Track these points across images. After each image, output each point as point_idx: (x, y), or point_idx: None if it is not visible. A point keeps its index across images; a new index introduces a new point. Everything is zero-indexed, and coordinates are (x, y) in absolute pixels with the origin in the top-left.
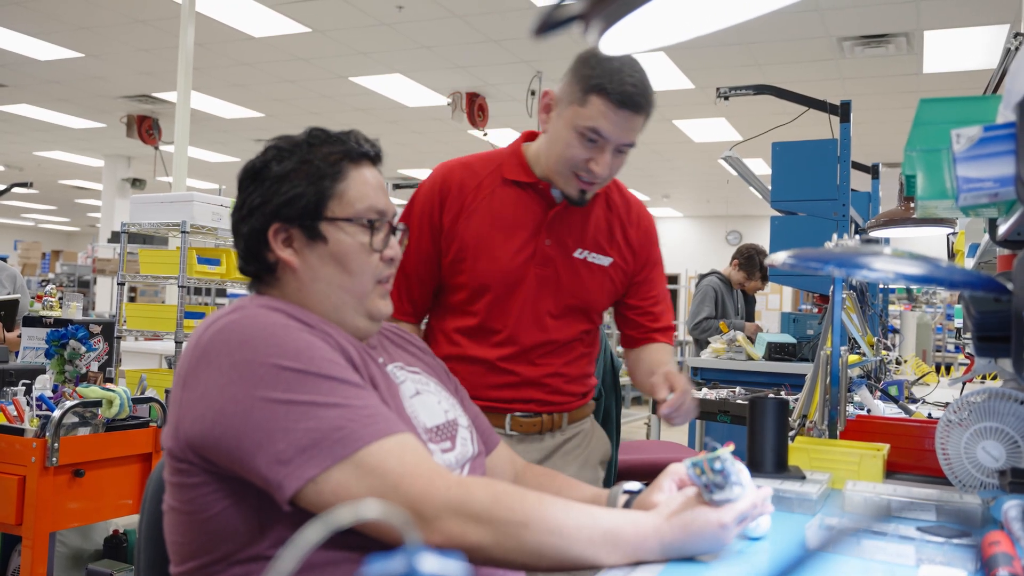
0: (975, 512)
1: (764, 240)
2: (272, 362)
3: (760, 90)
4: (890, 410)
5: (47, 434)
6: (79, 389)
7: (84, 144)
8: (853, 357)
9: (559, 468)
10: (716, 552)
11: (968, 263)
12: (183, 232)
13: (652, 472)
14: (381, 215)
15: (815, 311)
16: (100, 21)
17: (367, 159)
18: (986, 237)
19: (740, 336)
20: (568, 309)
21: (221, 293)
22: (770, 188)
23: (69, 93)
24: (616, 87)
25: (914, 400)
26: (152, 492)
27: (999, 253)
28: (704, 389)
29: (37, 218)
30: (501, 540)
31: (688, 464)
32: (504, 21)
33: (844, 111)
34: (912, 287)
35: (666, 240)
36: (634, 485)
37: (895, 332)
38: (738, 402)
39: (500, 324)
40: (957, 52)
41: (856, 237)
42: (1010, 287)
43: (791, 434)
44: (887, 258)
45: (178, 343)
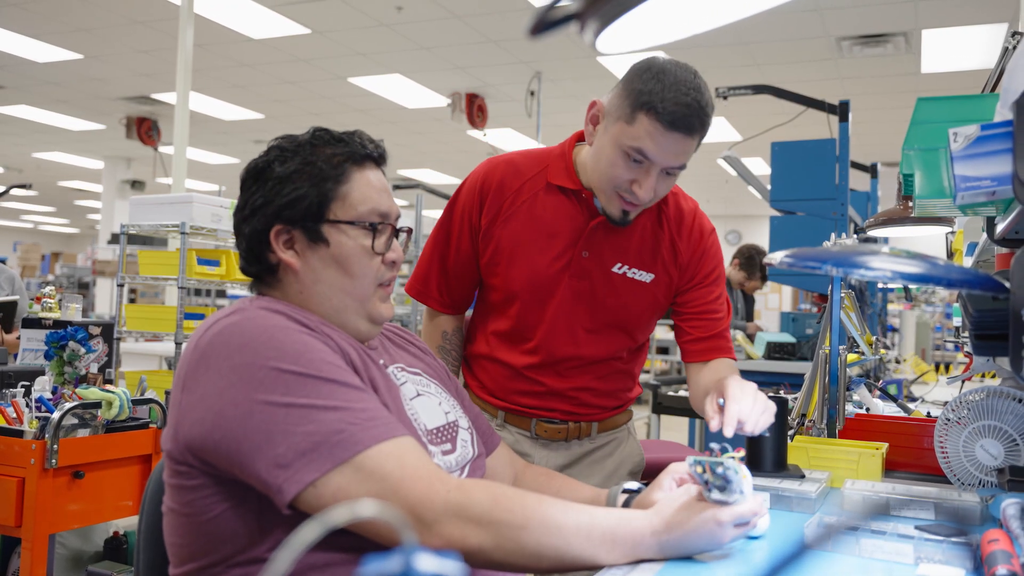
0: (973, 510)
1: (763, 239)
2: (272, 365)
3: (759, 90)
4: (889, 409)
5: (46, 436)
6: (78, 391)
7: (83, 146)
8: (852, 356)
9: (582, 477)
10: (713, 551)
11: (966, 262)
12: (182, 233)
13: (652, 471)
14: (384, 217)
15: (814, 310)
16: (99, 23)
17: (371, 160)
18: (984, 236)
19: (740, 335)
20: (605, 326)
21: (221, 294)
22: (769, 188)
23: (68, 95)
24: (667, 106)
25: (913, 399)
26: (151, 494)
27: (997, 252)
28: None
29: (37, 220)
30: (501, 542)
31: (691, 461)
32: (503, 22)
33: (843, 111)
34: (910, 286)
35: None
36: (633, 484)
37: (894, 331)
38: None
39: (531, 332)
40: (955, 51)
41: (855, 236)
42: (1008, 285)
43: (790, 433)
44: (885, 257)
45: (178, 344)
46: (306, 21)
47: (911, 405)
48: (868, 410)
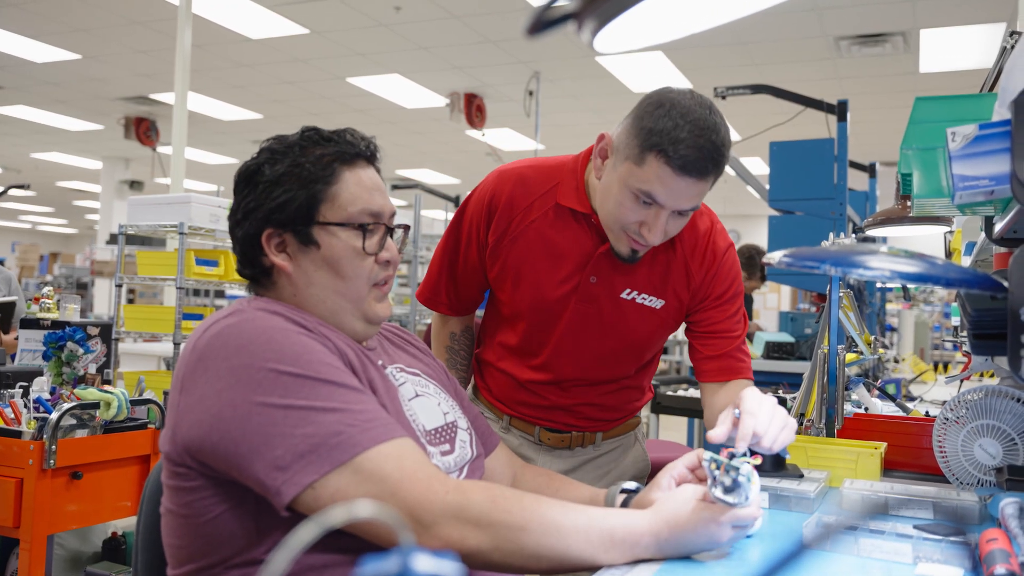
0: (972, 510)
1: (762, 239)
2: (270, 366)
3: (757, 90)
4: (887, 408)
5: (45, 436)
6: (77, 391)
7: (82, 146)
8: (850, 356)
9: (585, 481)
10: (711, 550)
11: (965, 261)
12: (181, 233)
13: (651, 471)
14: (376, 217)
15: (813, 310)
16: (97, 23)
17: (362, 159)
18: (982, 235)
19: None
20: (613, 349)
21: (219, 294)
22: (768, 187)
23: (66, 95)
24: (679, 149)
25: (911, 398)
26: (150, 494)
27: (995, 251)
28: None
29: (35, 220)
30: (500, 544)
31: (708, 456)
32: (502, 22)
33: (841, 110)
34: (909, 285)
35: None
36: (631, 484)
37: (893, 330)
38: None
39: (538, 350)
40: (953, 51)
41: (853, 236)
42: (1006, 285)
43: None
44: (883, 256)
45: (176, 345)
46: (305, 21)
47: (910, 404)
48: (867, 409)
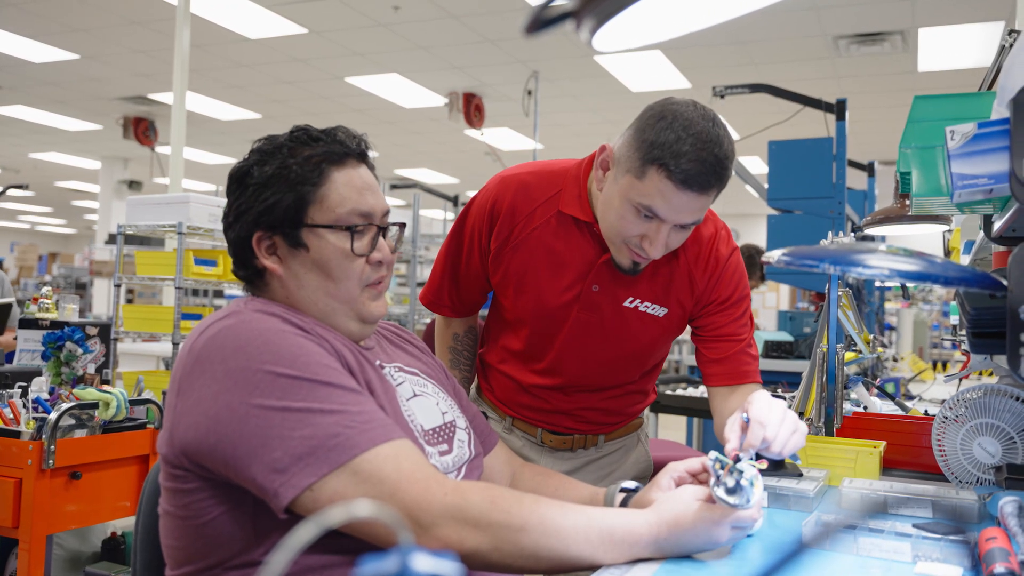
0: (971, 508)
1: (761, 238)
2: (267, 368)
3: (756, 89)
4: (886, 407)
5: (43, 436)
6: (76, 391)
7: (80, 146)
8: (849, 354)
9: (586, 481)
10: (710, 550)
11: (963, 260)
12: (179, 233)
13: (653, 470)
14: (367, 217)
15: (812, 309)
16: (96, 23)
17: (352, 158)
18: (981, 234)
19: None
20: (616, 357)
21: (218, 294)
22: (767, 186)
23: (65, 95)
24: (681, 163)
25: (910, 397)
26: (148, 495)
27: (994, 250)
28: (701, 388)
29: (34, 220)
30: (499, 544)
31: (713, 455)
32: (500, 21)
33: (840, 109)
34: (908, 284)
35: None
36: (631, 483)
37: (892, 329)
38: None
39: (541, 355)
40: (952, 50)
41: (852, 235)
42: (1005, 283)
43: None
44: (882, 255)
45: (175, 344)
46: (303, 21)
47: (909, 403)
48: (866, 408)
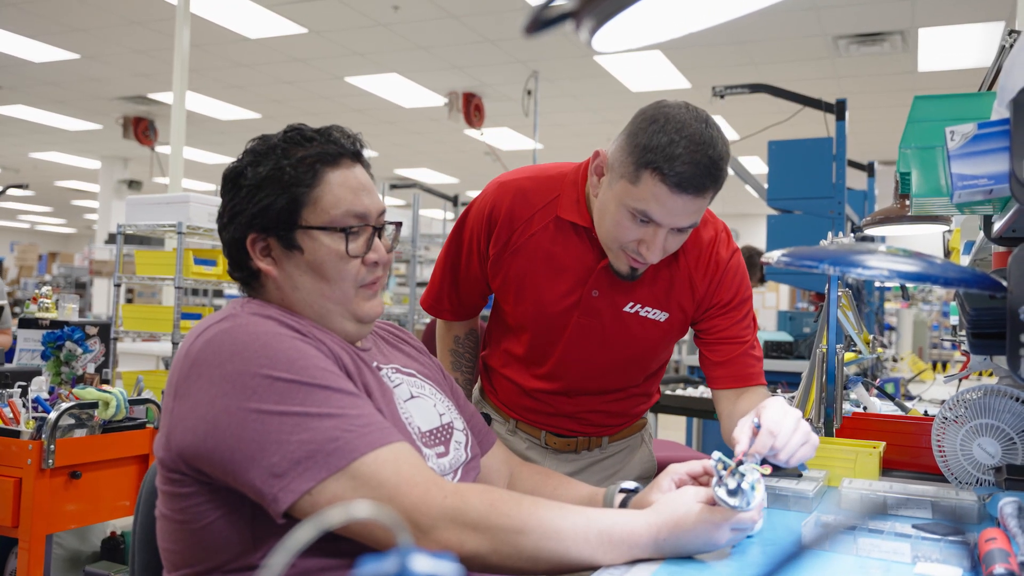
0: (971, 509)
1: (761, 238)
2: (264, 372)
3: (756, 89)
4: (886, 407)
5: (43, 436)
6: (75, 391)
7: (80, 146)
8: (849, 355)
9: (589, 482)
10: (710, 551)
11: (963, 260)
12: (179, 233)
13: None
14: (362, 218)
15: (811, 309)
16: (96, 23)
17: (346, 158)
18: (981, 234)
19: None
20: (617, 362)
21: (218, 294)
22: (766, 186)
23: (65, 95)
24: (675, 166)
25: (910, 397)
26: (146, 495)
27: (994, 250)
28: (701, 388)
29: (34, 220)
30: (498, 547)
31: (718, 456)
32: (500, 21)
33: (839, 109)
34: (907, 285)
35: None
36: (631, 483)
37: (891, 330)
38: None
39: (543, 360)
40: (952, 50)
41: (852, 235)
42: (1005, 284)
43: None
44: (882, 256)
45: (175, 344)
46: (303, 21)
47: (908, 404)
48: (865, 409)
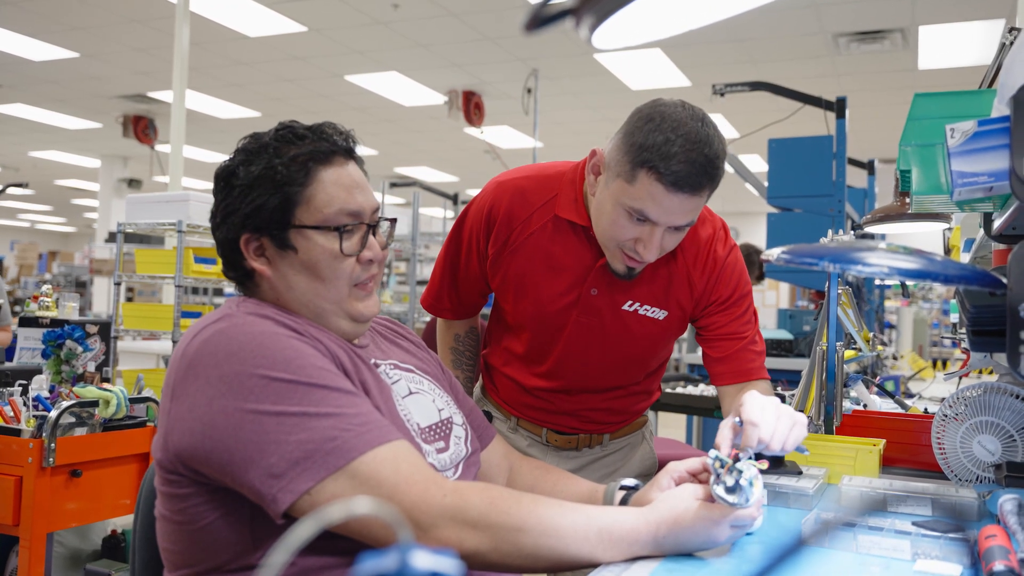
0: (971, 506)
1: (761, 236)
2: (261, 373)
3: (756, 87)
4: (886, 405)
5: (44, 434)
6: (76, 389)
7: (80, 144)
8: (849, 353)
9: (590, 479)
10: (709, 548)
11: (963, 258)
12: (179, 232)
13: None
14: (356, 216)
15: (811, 307)
16: (95, 21)
17: (339, 155)
18: (981, 232)
19: None
20: (617, 360)
21: (218, 292)
22: (766, 184)
23: (65, 93)
24: (670, 165)
25: (910, 395)
26: (147, 493)
27: (994, 248)
28: (701, 385)
29: (33, 219)
30: (498, 545)
31: (714, 454)
32: (500, 19)
33: (840, 107)
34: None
35: None
36: (631, 481)
37: (891, 327)
38: None
39: (543, 359)
40: (952, 48)
41: (852, 233)
42: (1005, 281)
43: None
44: (882, 253)
45: (175, 342)
46: (303, 19)
47: (908, 401)
48: (865, 406)
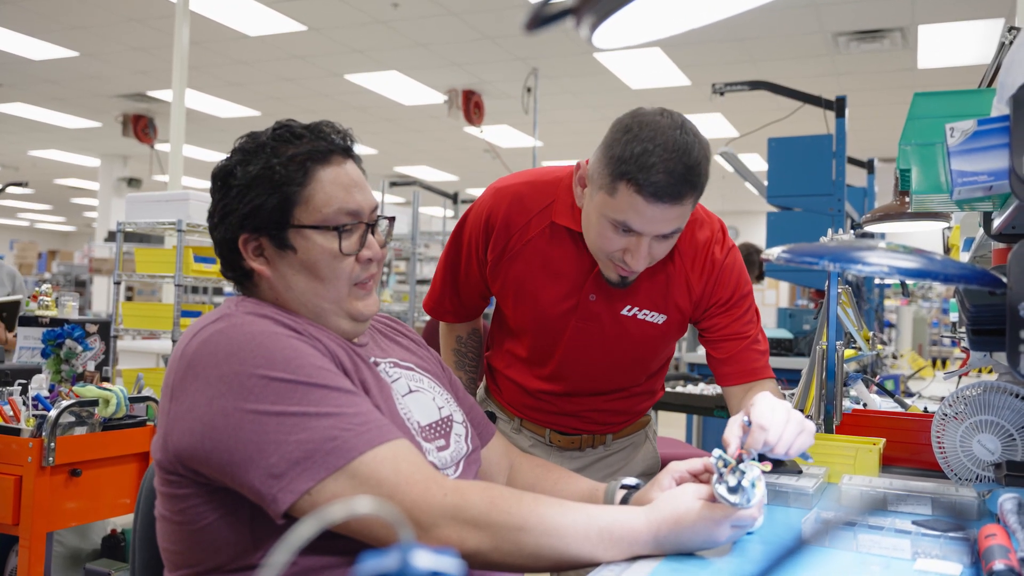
0: (971, 505)
1: (760, 236)
2: (260, 373)
3: (755, 86)
4: (886, 404)
5: (43, 434)
6: (75, 388)
7: (80, 143)
8: (849, 352)
9: (593, 479)
10: (709, 548)
11: (963, 257)
12: (179, 231)
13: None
14: (354, 215)
15: (811, 306)
16: (95, 20)
17: (337, 154)
18: (981, 231)
19: None
20: (618, 364)
21: (218, 291)
22: (766, 184)
23: (64, 92)
24: (649, 176)
25: (910, 394)
26: (147, 493)
27: (994, 247)
28: (701, 384)
29: (33, 218)
30: (499, 544)
31: (718, 453)
32: (499, 18)
33: (839, 106)
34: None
35: None
36: (632, 480)
37: (891, 327)
38: None
39: (545, 362)
40: (952, 47)
41: (851, 232)
42: (1005, 280)
43: None
44: (882, 252)
45: (175, 342)
46: (302, 18)
47: (908, 400)
48: (865, 405)
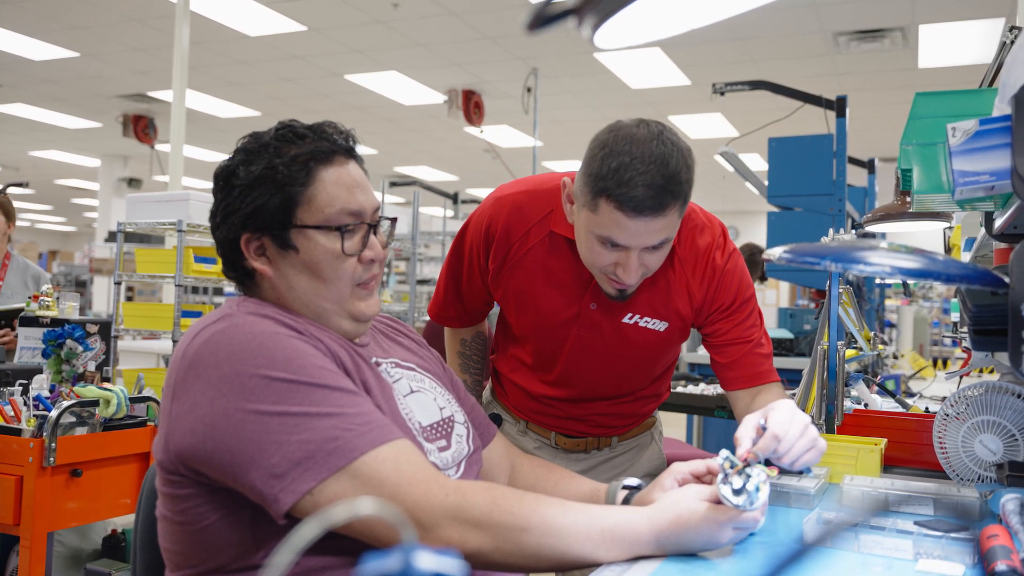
0: (973, 506)
1: (761, 236)
2: (262, 373)
3: (756, 86)
4: (887, 404)
5: (44, 434)
6: (76, 389)
7: (80, 144)
8: (850, 352)
9: (599, 480)
10: (711, 549)
11: (964, 257)
12: (179, 231)
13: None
14: (357, 215)
15: (812, 306)
16: (95, 20)
17: (339, 155)
18: (982, 231)
19: None
20: (620, 371)
21: (218, 292)
22: (767, 183)
23: (64, 93)
24: (626, 191)
25: (911, 394)
26: (148, 493)
27: (995, 247)
28: (702, 385)
29: (33, 218)
30: (500, 544)
31: (725, 454)
32: (499, 18)
33: (840, 106)
34: (908, 282)
35: None
36: (633, 480)
37: (892, 327)
38: None
39: (549, 367)
40: (953, 46)
41: (852, 232)
42: (1007, 280)
43: None
44: (883, 252)
45: (175, 342)
46: (302, 18)
47: (909, 401)
48: (866, 406)
